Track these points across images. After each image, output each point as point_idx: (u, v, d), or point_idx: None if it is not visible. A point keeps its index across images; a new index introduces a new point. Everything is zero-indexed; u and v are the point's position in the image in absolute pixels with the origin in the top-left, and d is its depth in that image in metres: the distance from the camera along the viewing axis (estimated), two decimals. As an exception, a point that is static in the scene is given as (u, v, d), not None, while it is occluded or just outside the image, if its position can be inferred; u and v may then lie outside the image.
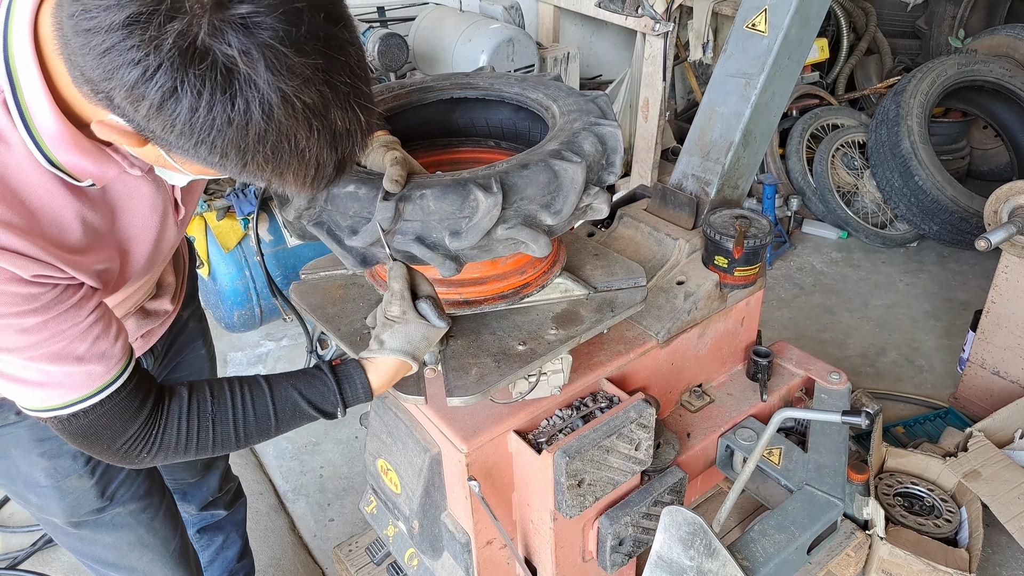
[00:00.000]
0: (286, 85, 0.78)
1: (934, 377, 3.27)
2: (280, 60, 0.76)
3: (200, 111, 0.77)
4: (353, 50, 0.84)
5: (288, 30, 0.76)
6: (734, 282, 1.87)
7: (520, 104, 1.65)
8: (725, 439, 1.94)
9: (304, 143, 0.83)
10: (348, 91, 0.84)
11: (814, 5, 1.88)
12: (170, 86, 0.75)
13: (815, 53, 4.69)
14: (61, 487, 1.43)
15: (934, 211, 3.84)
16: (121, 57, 0.74)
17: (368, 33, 3.40)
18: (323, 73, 0.80)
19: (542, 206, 1.32)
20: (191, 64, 0.74)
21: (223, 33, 0.74)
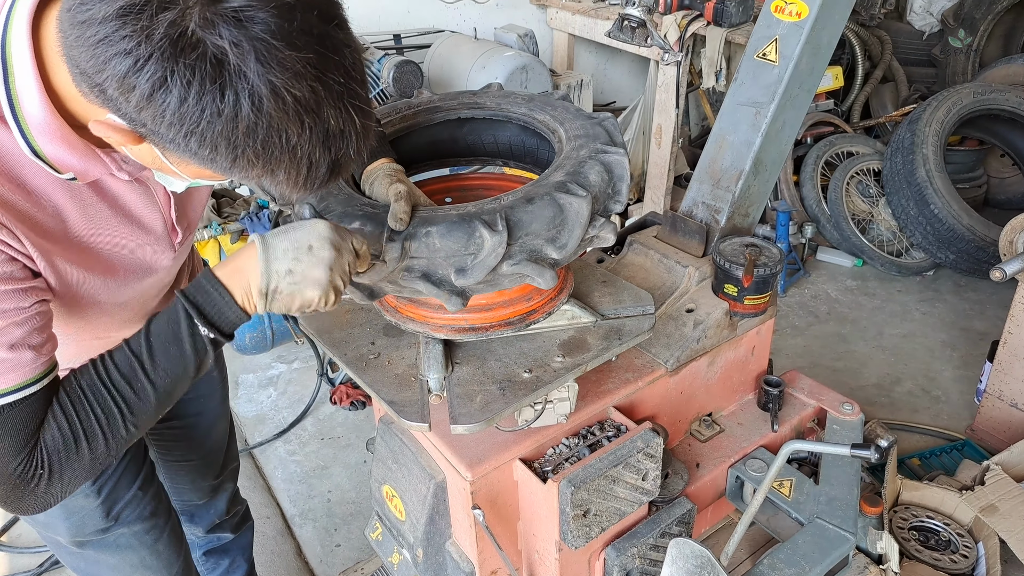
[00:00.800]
0: (276, 78, 0.78)
1: (951, 408, 3.22)
2: (271, 53, 0.77)
3: (189, 101, 0.77)
4: (348, 51, 0.85)
5: (280, 24, 0.77)
6: (744, 311, 1.86)
7: (527, 126, 1.66)
8: (735, 470, 1.91)
9: (296, 139, 0.83)
10: (342, 91, 0.83)
11: (825, 35, 1.89)
12: (160, 76, 0.76)
13: (829, 81, 4.69)
14: (67, 506, 1.43)
15: (950, 240, 3.80)
16: (113, 47, 0.75)
17: (384, 60, 3.44)
18: (315, 69, 0.80)
19: (547, 240, 1.31)
20: (181, 54, 0.75)
21: (214, 24, 0.75)
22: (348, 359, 1.58)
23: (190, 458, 1.85)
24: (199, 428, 1.82)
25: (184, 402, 1.73)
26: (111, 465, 1.46)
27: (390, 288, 1.33)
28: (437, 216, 1.29)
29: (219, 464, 1.93)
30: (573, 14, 4.33)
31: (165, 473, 1.84)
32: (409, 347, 1.60)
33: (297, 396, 3.37)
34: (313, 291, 1.07)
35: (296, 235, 1.06)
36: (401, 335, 1.63)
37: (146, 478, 1.56)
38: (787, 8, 1.85)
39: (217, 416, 1.86)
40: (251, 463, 3.06)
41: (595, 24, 4.20)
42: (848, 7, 1.90)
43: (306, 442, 3.13)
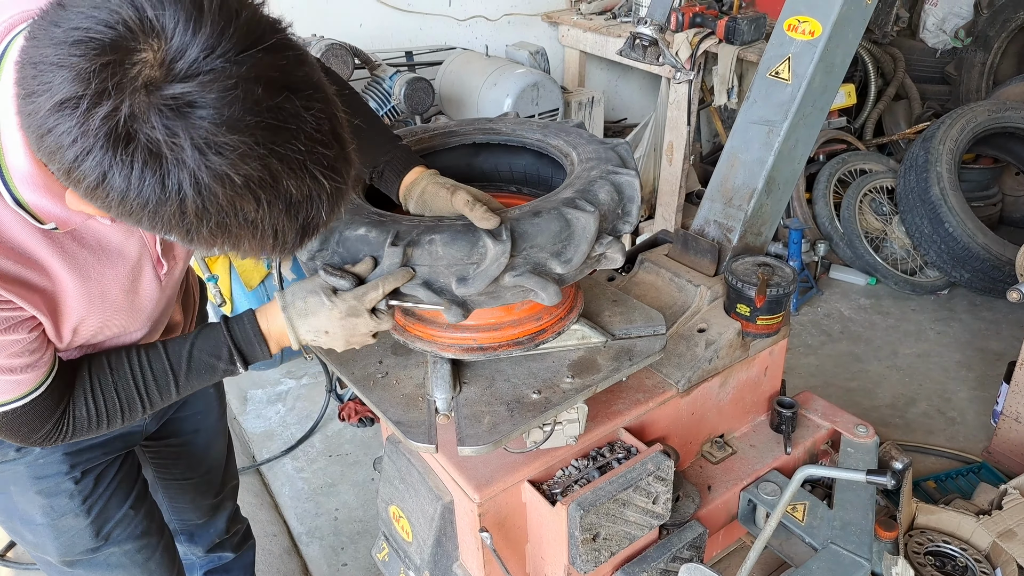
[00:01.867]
0: (218, 163, 0.76)
1: (967, 430, 3.17)
2: (210, 139, 0.75)
3: (132, 192, 0.76)
4: (310, 115, 0.81)
5: (220, 109, 0.74)
6: (756, 331, 1.83)
7: (541, 150, 1.65)
8: (747, 493, 1.88)
9: (254, 215, 0.82)
10: (303, 158, 0.81)
11: (838, 53, 1.87)
12: (101, 169, 0.75)
13: (842, 98, 4.67)
14: (56, 525, 1.43)
15: (965, 258, 3.76)
16: (56, 139, 0.75)
17: (395, 77, 3.45)
18: (266, 146, 0.77)
19: (552, 255, 1.30)
20: (118, 146, 0.74)
21: (148, 115, 0.73)
22: (355, 378, 1.57)
23: (189, 476, 1.83)
24: (197, 445, 1.81)
25: (181, 419, 1.72)
26: (101, 485, 1.47)
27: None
28: (441, 224, 1.28)
29: (218, 482, 1.92)
30: (584, 31, 4.34)
31: (164, 493, 1.83)
32: (417, 366, 1.59)
33: (305, 412, 3.36)
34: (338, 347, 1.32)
35: (314, 322, 1.27)
36: (409, 354, 1.62)
37: (138, 496, 1.55)
38: (800, 27, 1.84)
39: (215, 433, 1.85)
40: (259, 480, 3.05)
41: (606, 41, 4.21)
42: (862, 26, 1.89)
43: (314, 459, 3.12)
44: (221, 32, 0.75)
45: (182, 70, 0.73)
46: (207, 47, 0.74)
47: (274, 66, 0.78)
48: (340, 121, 0.86)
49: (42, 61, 0.73)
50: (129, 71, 0.73)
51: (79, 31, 0.72)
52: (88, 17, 0.73)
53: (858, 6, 1.84)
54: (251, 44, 0.76)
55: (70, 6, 0.75)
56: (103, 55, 0.72)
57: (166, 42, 0.74)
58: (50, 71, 0.73)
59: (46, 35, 0.74)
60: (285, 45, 0.81)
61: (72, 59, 0.72)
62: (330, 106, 0.85)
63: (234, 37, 0.75)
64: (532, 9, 4.55)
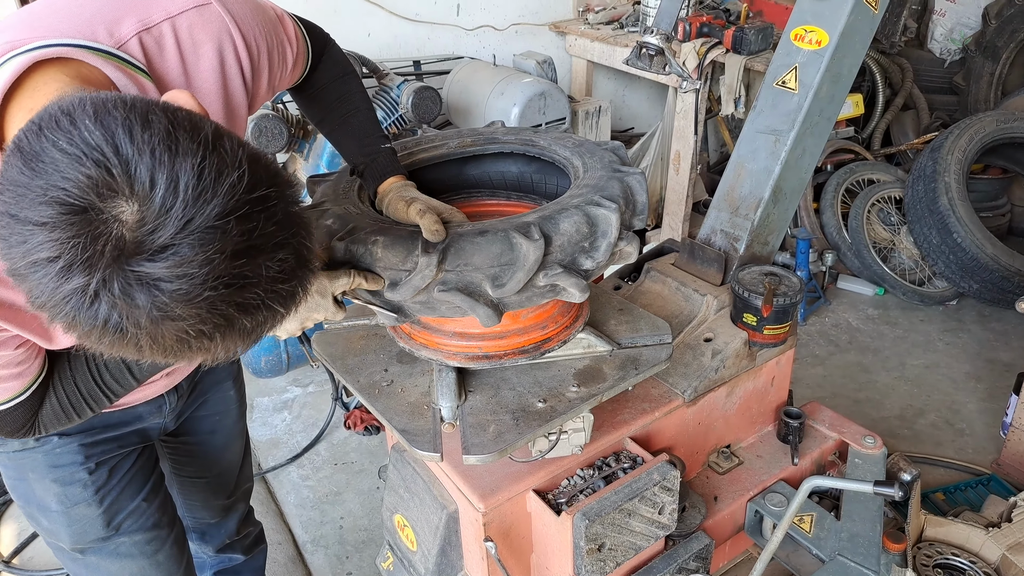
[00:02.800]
0: (173, 328, 0.77)
1: (975, 441, 3.14)
2: (166, 311, 0.75)
3: (93, 336, 0.78)
4: (275, 263, 0.80)
5: (183, 288, 0.74)
6: (763, 341, 1.83)
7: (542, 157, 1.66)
8: (754, 504, 1.87)
9: (208, 346, 0.83)
10: (260, 300, 0.81)
11: (845, 63, 1.87)
12: (67, 320, 0.76)
13: (849, 108, 4.66)
14: (70, 513, 1.47)
15: (974, 269, 3.74)
16: (28, 288, 0.76)
17: (403, 86, 3.46)
18: (223, 304, 0.77)
19: (580, 251, 1.31)
20: (82, 307, 0.74)
21: (112, 285, 0.73)
22: (361, 386, 1.57)
23: (203, 475, 1.85)
24: (212, 445, 1.82)
25: (198, 419, 1.74)
26: (115, 477, 1.51)
27: (418, 307, 1.32)
28: (472, 228, 1.29)
29: (232, 484, 1.93)
30: (592, 41, 4.35)
31: (178, 489, 1.85)
32: (422, 374, 1.59)
33: (311, 420, 3.36)
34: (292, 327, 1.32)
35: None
36: (414, 362, 1.62)
37: (152, 489, 1.58)
38: (807, 36, 1.84)
39: (232, 435, 1.86)
40: (264, 488, 3.04)
41: (613, 51, 4.21)
42: (869, 35, 1.89)
43: (319, 467, 3.11)
44: (195, 209, 0.73)
45: (151, 247, 0.73)
46: (179, 224, 0.73)
47: (243, 233, 0.76)
48: (305, 246, 0.86)
49: (18, 213, 0.73)
50: (100, 239, 0.72)
51: (55, 191, 0.71)
52: (64, 178, 0.72)
53: (865, 16, 1.84)
54: (223, 215, 0.75)
55: (47, 151, 0.73)
56: (76, 223, 0.72)
57: (141, 213, 0.73)
58: (25, 227, 0.72)
59: (23, 182, 0.73)
60: (260, 201, 0.78)
61: (47, 220, 0.72)
62: (298, 238, 0.84)
63: (208, 213, 0.74)
64: (540, 19, 4.56)
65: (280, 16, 1.31)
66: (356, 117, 1.51)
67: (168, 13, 1.10)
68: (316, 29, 1.45)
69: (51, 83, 0.95)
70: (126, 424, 1.51)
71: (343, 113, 1.51)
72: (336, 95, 1.50)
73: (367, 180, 1.50)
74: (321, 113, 1.52)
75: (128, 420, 1.51)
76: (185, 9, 1.12)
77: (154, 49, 1.10)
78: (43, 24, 1.02)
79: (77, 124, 0.73)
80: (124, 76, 1.03)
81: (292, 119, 3.38)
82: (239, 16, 1.18)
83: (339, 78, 1.49)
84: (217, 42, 1.16)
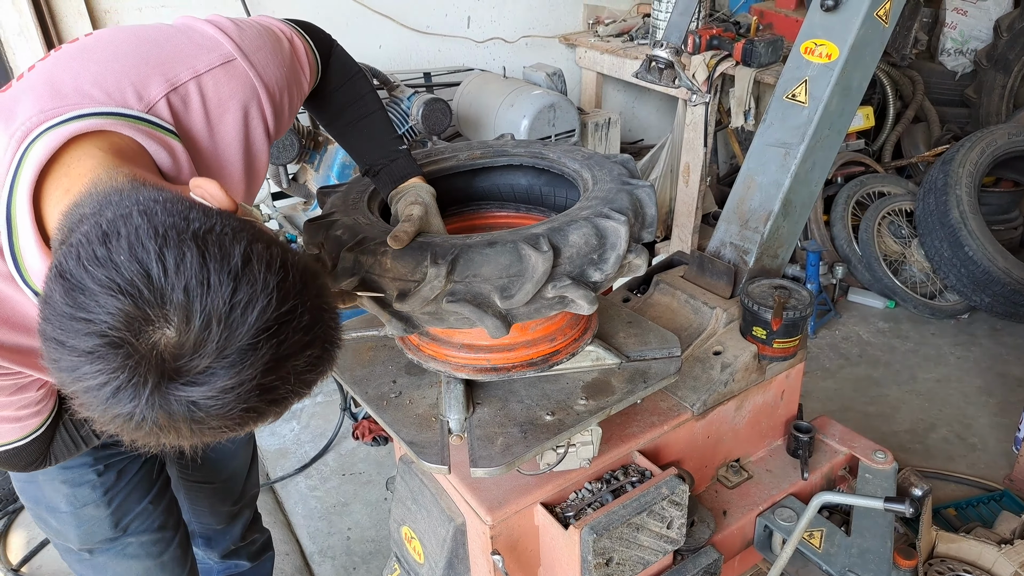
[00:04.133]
0: (210, 431, 0.82)
1: (988, 457, 3.12)
2: (204, 424, 0.80)
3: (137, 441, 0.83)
4: (302, 360, 0.84)
5: (215, 403, 0.79)
6: (773, 354, 1.82)
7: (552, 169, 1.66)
8: (763, 519, 1.86)
9: (239, 432, 0.87)
10: (288, 392, 0.85)
11: (856, 76, 1.87)
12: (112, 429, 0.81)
13: (860, 121, 4.65)
14: (78, 514, 1.50)
15: (986, 282, 3.72)
16: (76, 401, 0.80)
17: (413, 98, 3.48)
18: (256, 402, 0.82)
19: (589, 263, 1.31)
20: (128, 423, 0.79)
21: (154, 408, 0.78)
22: (369, 397, 1.57)
23: (210, 481, 1.87)
24: (220, 451, 1.84)
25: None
26: (123, 480, 1.54)
27: (426, 318, 1.32)
28: (481, 239, 1.29)
29: (238, 490, 1.95)
30: (602, 53, 4.36)
31: (185, 494, 1.88)
32: (430, 386, 1.59)
33: (320, 430, 3.36)
34: None
35: None
36: (423, 374, 1.62)
37: (158, 493, 1.62)
38: (817, 50, 1.84)
39: (239, 442, 1.88)
40: (272, 498, 3.05)
41: (623, 63, 4.22)
42: (879, 49, 1.88)
43: (327, 477, 3.11)
44: (228, 337, 0.77)
45: (190, 371, 0.77)
46: (216, 351, 0.77)
47: (273, 346, 0.80)
48: (331, 340, 0.89)
49: (64, 340, 0.77)
50: (143, 365, 0.76)
51: (97, 324, 0.75)
52: (106, 312, 0.75)
53: (876, 30, 1.83)
54: (257, 335, 0.79)
55: (87, 283, 0.76)
56: (119, 355, 0.75)
57: (179, 339, 0.76)
58: (72, 354, 0.76)
59: (67, 312, 0.77)
60: (289, 313, 0.82)
61: (91, 350, 0.76)
62: (324, 331, 0.87)
63: (242, 338, 0.78)
64: (550, 31, 4.58)
65: (292, 42, 1.32)
66: (368, 119, 1.52)
67: (195, 71, 1.12)
68: (319, 33, 1.45)
69: (85, 159, 0.96)
70: None
71: (354, 116, 1.52)
72: (346, 98, 1.51)
73: (382, 181, 1.51)
74: (331, 116, 1.54)
75: None
76: (212, 67, 1.14)
77: (180, 107, 1.12)
78: (71, 89, 1.03)
79: (113, 258, 0.77)
80: (155, 143, 1.05)
81: (303, 130, 3.41)
82: (261, 67, 1.20)
83: (347, 80, 1.50)
84: (242, 100, 1.19)
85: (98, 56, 1.08)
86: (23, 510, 2.93)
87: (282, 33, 1.31)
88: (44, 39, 3.04)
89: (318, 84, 1.47)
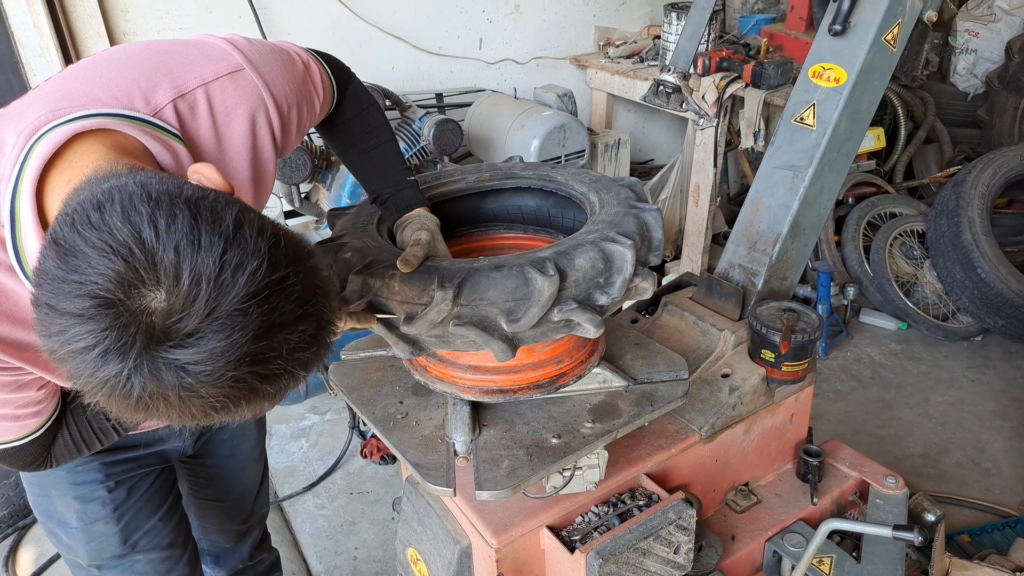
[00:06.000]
0: (199, 403, 0.81)
1: (1002, 482, 3.08)
2: (194, 391, 0.79)
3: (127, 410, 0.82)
4: (295, 335, 0.84)
5: (208, 370, 0.78)
6: (782, 377, 1.81)
7: (559, 192, 1.67)
8: (772, 544, 1.84)
9: (234, 412, 0.86)
10: (282, 370, 0.84)
11: (864, 100, 1.87)
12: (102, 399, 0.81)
13: (871, 142, 4.65)
14: (88, 530, 1.51)
15: (999, 305, 3.69)
16: (64, 369, 0.80)
17: (425, 118, 3.51)
18: (247, 377, 0.81)
19: (595, 287, 1.31)
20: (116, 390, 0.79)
21: (143, 369, 0.77)
22: (376, 418, 1.57)
23: (220, 498, 1.87)
24: (230, 468, 1.84)
25: (217, 442, 1.77)
26: (133, 496, 1.55)
27: (433, 341, 1.32)
28: (488, 263, 1.30)
29: (248, 508, 1.95)
30: (612, 75, 4.39)
31: (195, 511, 1.88)
32: (437, 407, 1.59)
33: (328, 448, 3.36)
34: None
35: None
36: (429, 395, 1.62)
37: (168, 510, 1.62)
38: (825, 74, 1.85)
39: (249, 460, 1.88)
40: (280, 516, 3.04)
41: (633, 84, 4.25)
42: (888, 73, 1.89)
43: (335, 496, 3.11)
44: (218, 299, 0.77)
45: (178, 334, 0.77)
46: (204, 313, 0.77)
47: (264, 313, 0.80)
48: (325, 318, 0.89)
49: (55, 304, 0.77)
50: (131, 327, 0.76)
51: (88, 286, 0.76)
52: (97, 272, 0.76)
53: (884, 54, 1.84)
54: (246, 299, 0.78)
55: (79, 247, 0.77)
56: (109, 315, 0.76)
57: (168, 302, 0.77)
58: (62, 317, 0.77)
59: (59, 275, 0.77)
60: (280, 281, 0.82)
61: (81, 312, 0.76)
62: (318, 309, 0.87)
63: (231, 301, 0.78)
64: (561, 53, 4.62)
65: (306, 64, 1.35)
66: (379, 149, 1.55)
67: (203, 79, 1.15)
68: (338, 64, 1.49)
69: (88, 154, 0.98)
70: (147, 445, 1.55)
71: (367, 146, 1.55)
72: (360, 128, 1.54)
73: (388, 210, 1.53)
74: (344, 145, 1.56)
75: (149, 441, 1.56)
76: (219, 76, 1.16)
77: (187, 113, 1.14)
78: (81, 93, 1.06)
79: (106, 220, 0.78)
80: (158, 144, 1.07)
81: (316, 150, 3.44)
82: (270, 79, 1.22)
83: (362, 111, 1.53)
84: (249, 108, 1.20)
85: (111, 66, 1.11)
86: (32, 526, 2.94)
87: (297, 55, 1.34)
88: (64, 60, 3.10)
89: (333, 112, 1.50)
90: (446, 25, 4.15)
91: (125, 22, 3.31)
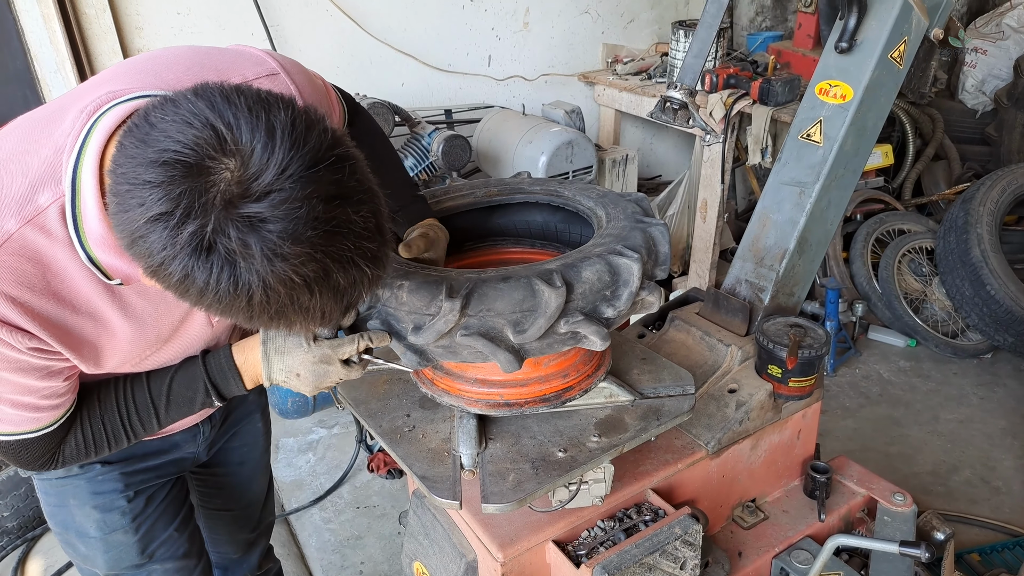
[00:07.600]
0: (283, 268, 0.87)
1: (1012, 500, 3.05)
2: (276, 249, 0.86)
3: (209, 289, 0.88)
4: (359, 216, 0.92)
5: (286, 224, 0.85)
6: (789, 393, 1.81)
7: (567, 207, 1.68)
8: (779, 560, 1.83)
9: (308, 303, 0.93)
10: (351, 254, 0.92)
11: (870, 117, 1.88)
12: (184, 272, 0.87)
13: (879, 159, 4.65)
14: (107, 540, 1.52)
15: (1008, 322, 3.67)
16: (148, 247, 0.86)
17: (434, 134, 3.54)
18: (322, 250, 0.89)
19: (602, 300, 1.32)
20: (200, 254, 0.86)
21: (226, 229, 0.85)
22: (383, 431, 1.58)
23: (230, 508, 1.88)
24: (241, 477, 1.86)
25: (229, 450, 1.78)
26: (151, 506, 1.56)
27: (440, 352, 1.33)
28: (495, 274, 1.31)
29: (256, 517, 1.97)
30: (620, 91, 4.41)
31: (205, 522, 1.89)
32: (444, 420, 1.59)
33: (335, 462, 3.37)
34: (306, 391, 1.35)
35: (289, 361, 1.31)
36: (436, 408, 1.62)
37: (184, 520, 1.64)
38: (831, 91, 1.86)
39: (259, 467, 1.90)
40: (286, 529, 3.04)
41: (641, 101, 4.27)
42: (894, 90, 1.90)
43: (342, 510, 3.11)
44: (291, 156, 0.86)
45: (256, 191, 0.84)
46: (279, 170, 0.85)
47: (332, 181, 0.89)
48: (382, 214, 0.97)
49: (135, 179, 0.85)
50: (211, 190, 0.84)
51: (167, 153, 0.84)
52: (174, 140, 0.84)
53: (890, 71, 1.85)
54: (315, 163, 0.87)
55: (157, 124, 0.86)
56: (188, 177, 0.83)
57: (243, 163, 0.85)
58: (142, 189, 0.84)
59: (137, 153, 0.86)
60: (343, 158, 0.92)
61: (162, 179, 0.83)
62: (376, 203, 0.96)
63: (302, 160, 0.86)
64: (569, 70, 4.65)
65: (324, 83, 1.42)
66: (387, 168, 1.59)
67: (244, 78, 1.21)
68: (348, 96, 1.57)
69: None
70: (164, 453, 1.57)
71: (374, 167, 1.57)
72: (367, 150, 1.56)
73: (398, 224, 1.55)
74: None
75: (166, 448, 1.57)
76: (259, 76, 1.22)
77: None
78: (138, 79, 1.13)
79: (180, 102, 0.87)
80: None
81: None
82: (302, 86, 1.28)
83: (370, 135, 1.59)
84: None
85: (158, 61, 1.18)
86: (41, 538, 2.95)
87: (315, 74, 1.40)
88: (79, 77, 3.14)
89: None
90: (455, 42, 4.19)
91: (139, 39, 3.35)
